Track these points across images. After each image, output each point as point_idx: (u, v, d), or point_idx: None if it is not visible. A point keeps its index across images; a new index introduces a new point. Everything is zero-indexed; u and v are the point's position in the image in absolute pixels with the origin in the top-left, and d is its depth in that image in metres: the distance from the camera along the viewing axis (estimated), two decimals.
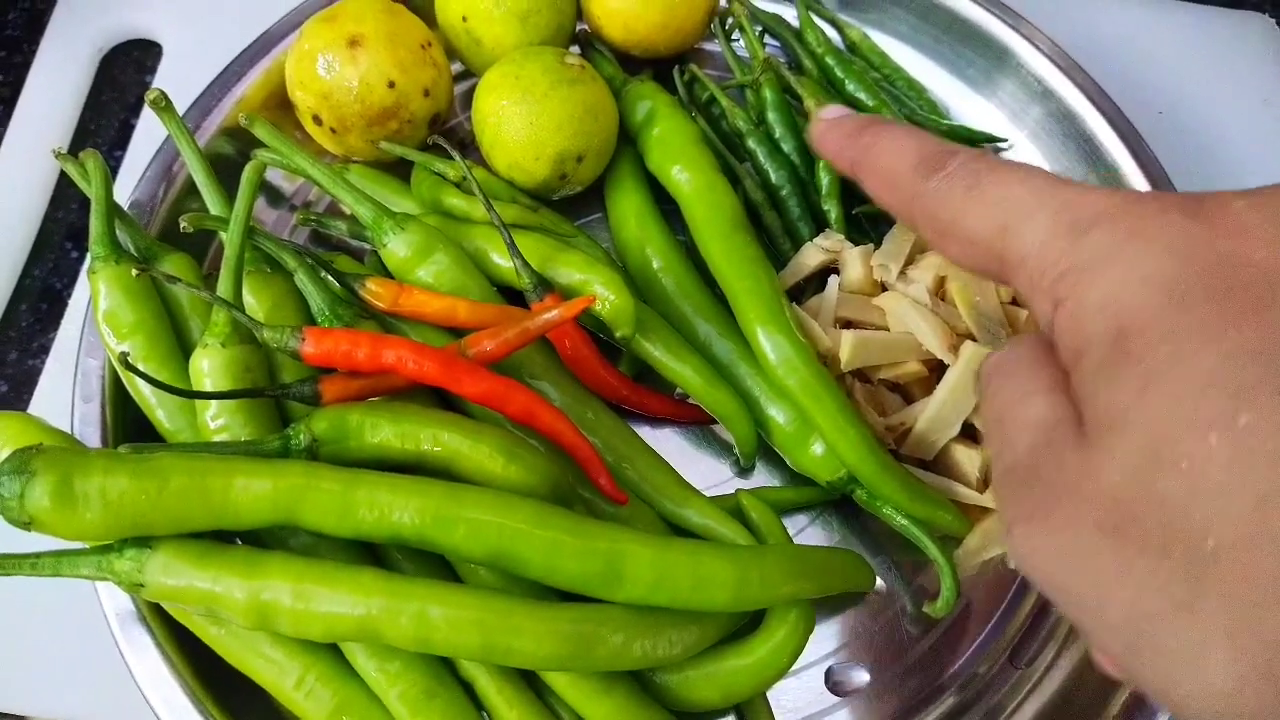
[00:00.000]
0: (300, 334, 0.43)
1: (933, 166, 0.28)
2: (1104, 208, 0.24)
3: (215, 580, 0.38)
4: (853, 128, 0.33)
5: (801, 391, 0.46)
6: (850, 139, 0.32)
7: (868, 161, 0.31)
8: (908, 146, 0.30)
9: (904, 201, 0.30)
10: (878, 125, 0.32)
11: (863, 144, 0.32)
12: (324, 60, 0.52)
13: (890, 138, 0.31)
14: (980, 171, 0.27)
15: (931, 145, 0.29)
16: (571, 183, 0.53)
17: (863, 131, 0.32)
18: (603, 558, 0.40)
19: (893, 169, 0.30)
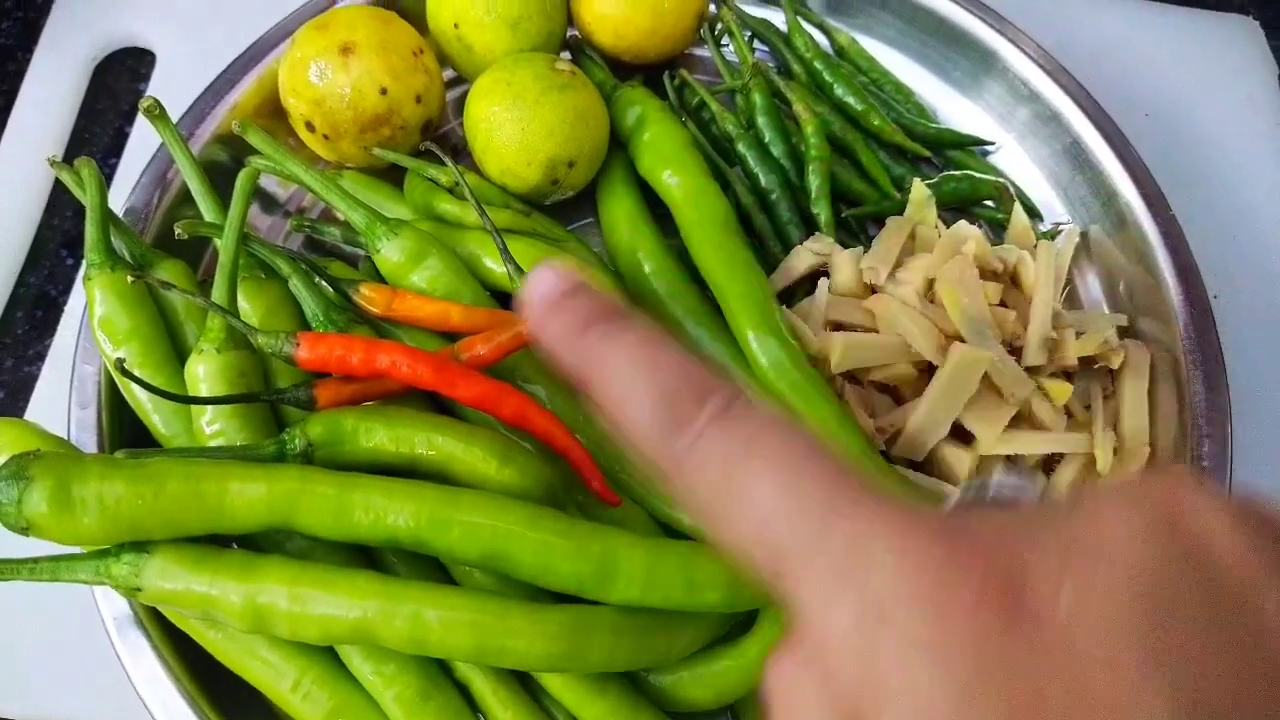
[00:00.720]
0: (294, 339, 0.43)
1: (677, 418, 0.24)
2: (898, 570, 0.20)
3: (212, 584, 0.39)
4: (574, 321, 0.26)
5: (792, 394, 0.47)
6: (573, 337, 0.26)
7: (597, 381, 0.25)
8: (643, 375, 0.24)
9: (646, 449, 0.25)
10: (609, 323, 0.26)
11: (591, 352, 0.26)
12: (316, 67, 0.52)
13: (624, 354, 0.25)
14: (734, 454, 0.23)
15: (674, 376, 0.24)
16: (563, 188, 0.54)
17: (588, 330, 0.26)
18: (595, 559, 0.40)
19: (628, 404, 0.25)
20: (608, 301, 0.27)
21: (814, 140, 0.55)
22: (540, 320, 0.27)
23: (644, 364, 0.25)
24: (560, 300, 0.27)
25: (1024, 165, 0.59)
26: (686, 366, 0.25)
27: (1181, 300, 0.50)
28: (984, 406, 0.47)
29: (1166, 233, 0.52)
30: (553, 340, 0.27)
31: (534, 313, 0.28)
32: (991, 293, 0.49)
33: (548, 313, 0.27)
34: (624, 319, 0.27)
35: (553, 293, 0.28)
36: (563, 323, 0.27)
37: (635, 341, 0.26)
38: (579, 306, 0.27)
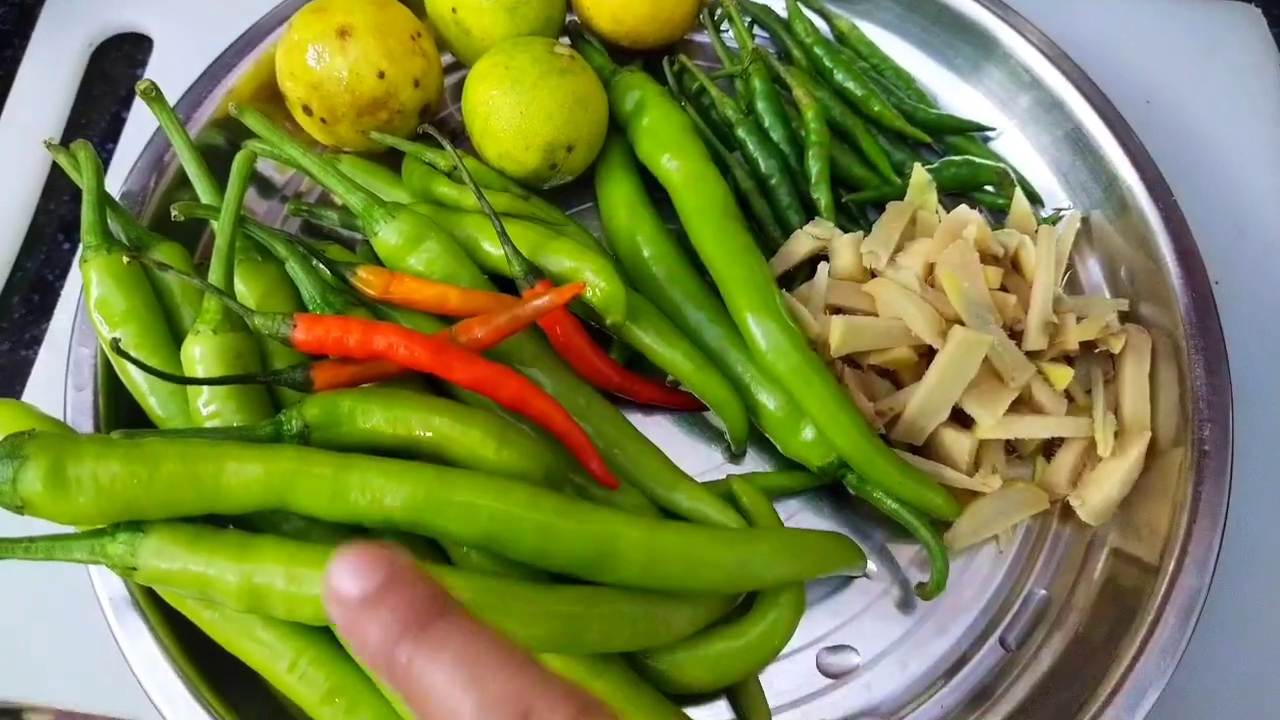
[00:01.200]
0: (291, 320, 0.43)
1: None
2: None
3: (208, 563, 0.38)
4: (394, 623, 0.23)
5: (792, 377, 0.47)
6: (387, 654, 0.23)
7: (429, 699, 0.23)
8: (469, 694, 0.22)
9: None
10: (430, 621, 0.23)
11: (407, 674, 0.23)
12: (314, 51, 0.52)
13: (461, 662, 0.23)
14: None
15: (504, 696, 0.22)
16: (562, 172, 0.54)
17: (400, 643, 0.23)
18: (594, 540, 0.40)
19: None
20: (423, 593, 0.24)
21: (814, 125, 0.55)
22: (350, 627, 0.24)
23: (461, 688, 0.23)
24: (370, 600, 0.24)
25: (1025, 151, 0.59)
26: (510, 686, 0.23)
27: (1183, 285, 0.50)
28: (984, 390, 0.47)
29: (1168, 218, 0.51)
30: (366, 653, 0.24)
31: (341, 617, 0.25)
32: (992, 277, 0.49)
33: (358, 617, 0.24)
34: (443, 622, 0.24)
35: (362, 586, 0.25)
36: (376, 631, 0.24)
37: (455, 657, 0.23)
38: (391, 607, 0.24)
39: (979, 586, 0.49)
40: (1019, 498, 0.48)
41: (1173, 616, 0.44)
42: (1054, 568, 0.49)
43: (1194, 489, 0.46)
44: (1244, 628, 0.50)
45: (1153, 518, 0.47)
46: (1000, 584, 0.49)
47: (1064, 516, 0.50)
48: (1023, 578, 0.49)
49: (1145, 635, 0.44)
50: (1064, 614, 0.48)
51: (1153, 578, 0.45)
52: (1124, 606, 0.46)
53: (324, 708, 0.41)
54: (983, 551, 0.50)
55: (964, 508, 0.48)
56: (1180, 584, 0.44)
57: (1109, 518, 0.48)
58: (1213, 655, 0.49)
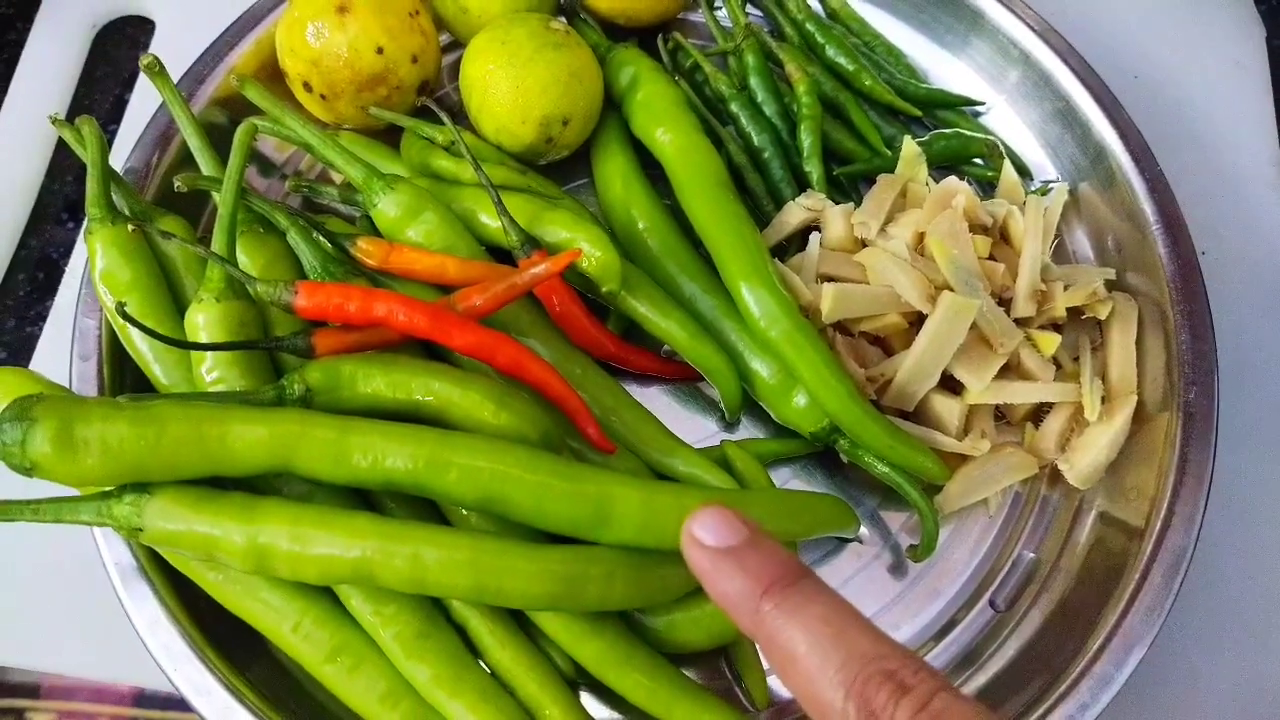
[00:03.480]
0: (293, 287, 0.44)
1: (871, 711, 0.24)
2: None
3: (213, 524, 0.39)
4: (751, 582, 0.27)
5: (784, 343, 0.47)
6: (751, 602, 0.27)
7: (778, 654, 0.26)
8: (835, 655, 0.25)
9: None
10: (787, 590, 0.27)
11: (772, 624, 0.26)
12: (313, 27, 0.53)
13: (811, 624, 0.26)
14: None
15: (864, 657, 0.25)
16: (558, 146, 0.55)
17: (767, 595, 0.27)
18: (591, 501, 0.41)
19: (819, 691, 0.25)
20: (783, 558, 0.28)
21: (806, 99, 0.56)
22: (712, 572, 0.28)
23: (835, 645, 0.26)
24: (733, 554, 0.28)
25: (1014, 126, 0.60)
26: (879, 645, 0.25)
27: (1168, 253, 0.51)
28: (973, 357, 0.48)
29: (1154, 188, 0.52)
30: (727, 599, 0.28)
31: (704, 561, 0.28)
32: (980, 246, 0.50)
33: (721, 566, 0.28)
34: (804, 584, 0.27)
35: (724, 541, 0.28)
36: (739, 583, 0.28)
37: (820, 614, 0.26)
38: (753, 566, 0.28)
39: (969, 550, 0.50)
40: (1008, 462, 0.49)
41: (1158, 575, 0.45)
42: (1042, 531, 0.50)
43: (1180, 451, 0.47)
44: (1228, 586, 0.51)
45: (1140, 481, 0.48)
46: (990, 547, 0.50)
47: (1052, 481, 0.51)
48: (1012, 541, 0.50)
49: (1131, 594, 0.45)
50: (1052, 576, 0.49)
51: (1139, 539, 0.46)
52: (1111, 567, 0.47)
53: (327, 666, 0.42)
54: (972, 516, 0.51)
55: (954, 472, 0.49)
56: (1166, 544, 0.45)
57: (1096, 481, 0.49)
58: (1198, 613, 0.50)
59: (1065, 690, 0.43)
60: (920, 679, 0.25)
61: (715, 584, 0.28)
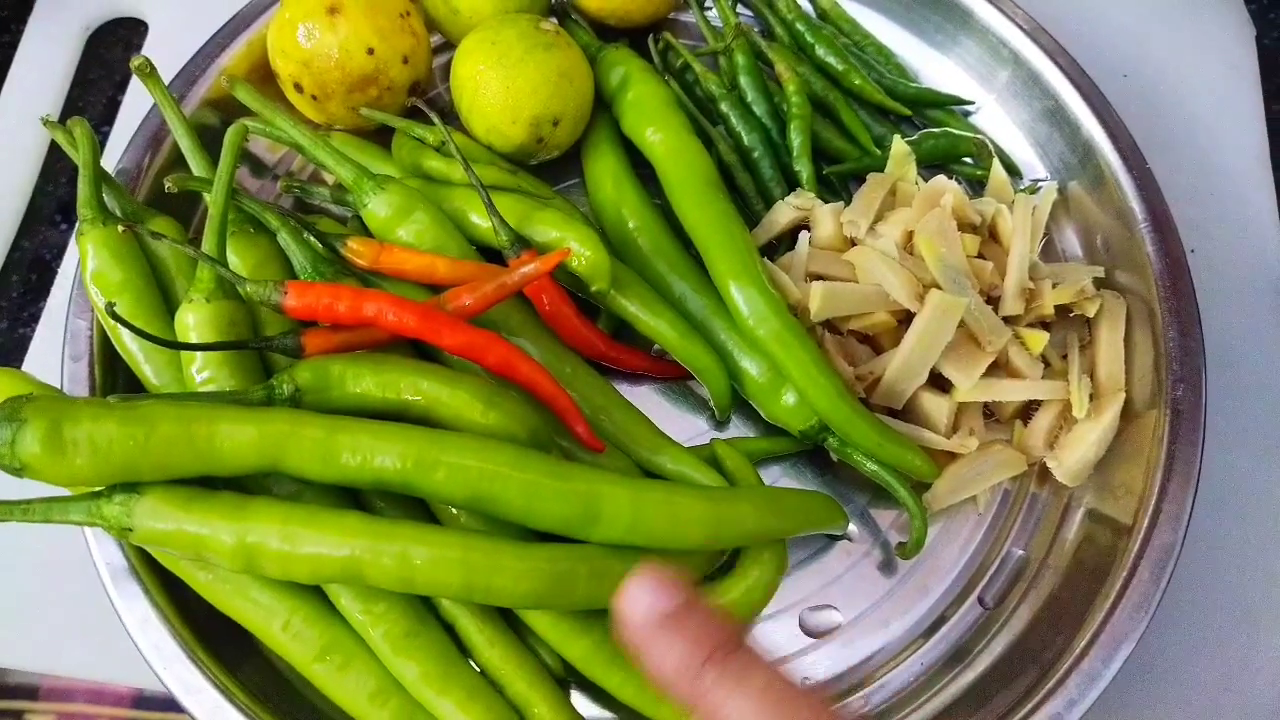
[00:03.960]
0: (283, 287, 0.44)
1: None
2: None
3: (203, 524, 0.39)
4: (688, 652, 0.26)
5: (773, 341, 0.48)
6: (690, 673, 0.26)
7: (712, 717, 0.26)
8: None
9: None
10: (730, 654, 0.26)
11: (713, 697, 0.26)
12: (304, 28, 0.53)
13: (756, 694, 0.25)
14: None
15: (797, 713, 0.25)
16: (548, 146, 0.55)
17: (706, 665, 0.26)
18: (580, 499, 0.41)
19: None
20: (720, 624, 0.27)
21: (795, 99, 0.56)
22: (647, 644, 0.27)
23: (773, 712, 0.25)
24: (668, 623, 0.27)
25: (1004, 125, 0.60)
26: (818, 716, 0.25)
27: (1156, 250, 0.51)
28: (961, 354, 0.48)
29: (1142, 185, 0.52)
30: (664, 671, 0.27)
31: (638, 633, 0.27)
32: (969, 244, 0.50)
33: (655, 640, 0.27)
34: (743, 652, 0.27)
35: (655, 609, 0.27)
36: (677, 654, 0.27)
37: (764, 684, 0.26)
38: (691, 632, 0.27)
39: (958, 547, 0.50)
40: (996, 460, 0.49)
41: (1146, 572, 0.45)
42: (1031, 528, 0.50)
43: (1167, 448, 0.47)
44: (1216, 582, 0.52)
45: (1128, 478, 0.48)
46: (979, 545, 0.50)
47: (1041, 478, 0.51)
48: (1001, 538, 0.50)
49: (1119, 591, 0.45)
50: (1040, 573, 0.49)
51: (1127, 536, 0.46)
52: (1099, 564, 0.47)
53: (317, 665, 0.42)
54: (962, 513, 0.51)
55: (942, 470, 0.49)
56: (1154, 541, 0.45)
57: (1085, 479, 0.49)
58: (1186, 610, 0.50)
59: (1053, 686, 0.43)
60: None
61: (652, 657, 0.27)
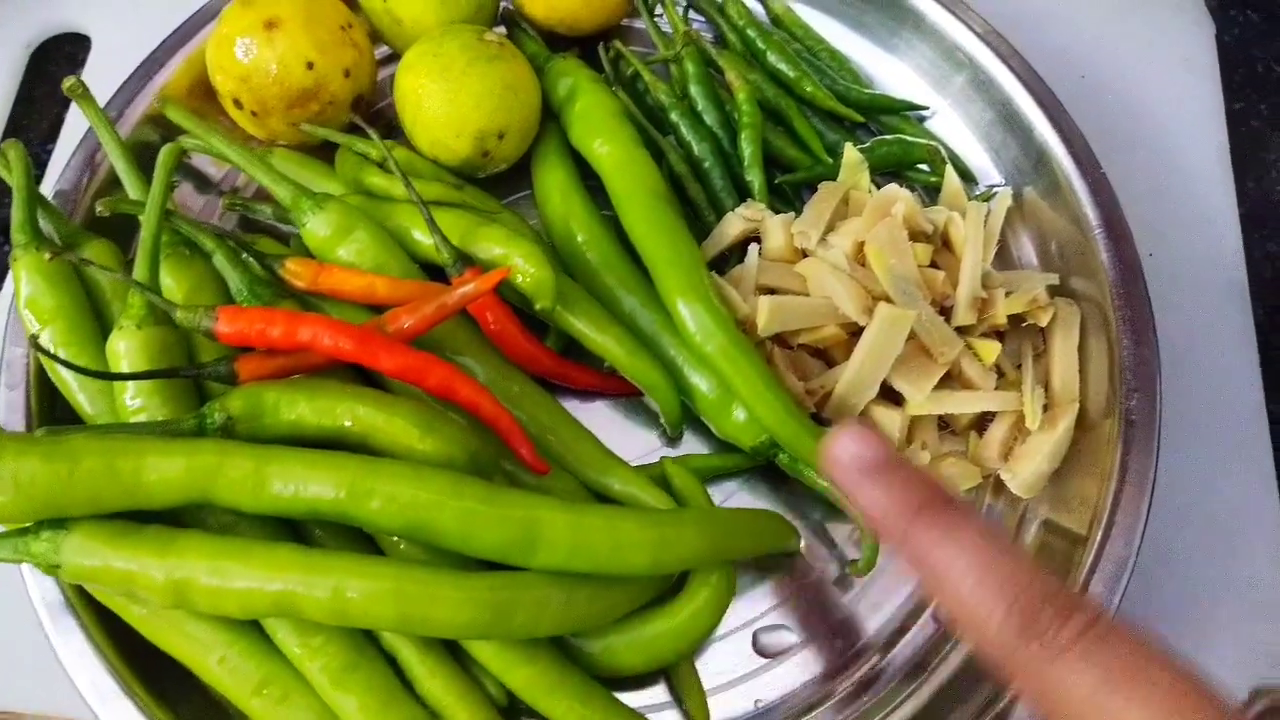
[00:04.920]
0: (214, 313, 0.43)
1: (1035, 629, 0.25)
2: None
3: (131, 560, 0.38)
4: (902, 502, 0.28)
5: (720, 358, 0.47)
6: (902, 520, 0.28)
7: (933, 574, 0.27)
8: (993, 574, 0.26)
9: (992, 652, 0.26)
10: (942, 513, 0.27)
11: (926, 543, 0.27)
12: (242, 44, 0.52)
13: (967, 553, 0.26)
14: (1108, 679, 0.24)
15: (1024, 581, 0.26)
16: (495, 160, 0.54)
17: (919, 516, 0.28)
18: (519, 525, 0.40)
19: (976, 605, 0.26)
20: (933, 482, 0.29)
21: (746, 107, 0.55)
22: (858, 487, 0.29)
23: (991, 567, 0.26)
24: (881, 472, 0.29)
25: (959, 130, 0.59)
26: (1038, 575, 0.26)
27: (1110, 256, 0.50)
28: (913, 367, 0.48)
29: (1096, 190, 0.52)
30: (874, 513, 0.29)
31: (849, 477, 0.29)
32: (921, 254, 0.49)
33: (868, 482, 0.29)
34: (957, 508, 0.28)
35: (867, 460, 0.29)
36: (889, 500, 0.29)
37: (977, 540, 0.27)
38: (903, 483, 0.29)
39: None
40: (949, 473, 0.48)
41: (1100, 585, 0.44)
42: None
43: (1121, 459, 0.46)
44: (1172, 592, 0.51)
45: (1083, 489, 0.48)
46: None
47: (996, 490, 0.50)
48: None
49: None
50: None
51: (1082, 547, 0.46)
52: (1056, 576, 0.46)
53: (255, 699, 0.41)
54: None
55: None
56: (1107, 553, 0.45)
57: (1040, 490, 0.49)
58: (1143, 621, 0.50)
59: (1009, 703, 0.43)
60: (1084, 604, 0.26)
61: (863, 494, 0.29)
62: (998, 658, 0.27)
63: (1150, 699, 0.24)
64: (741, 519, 0.46)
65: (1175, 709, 0.24)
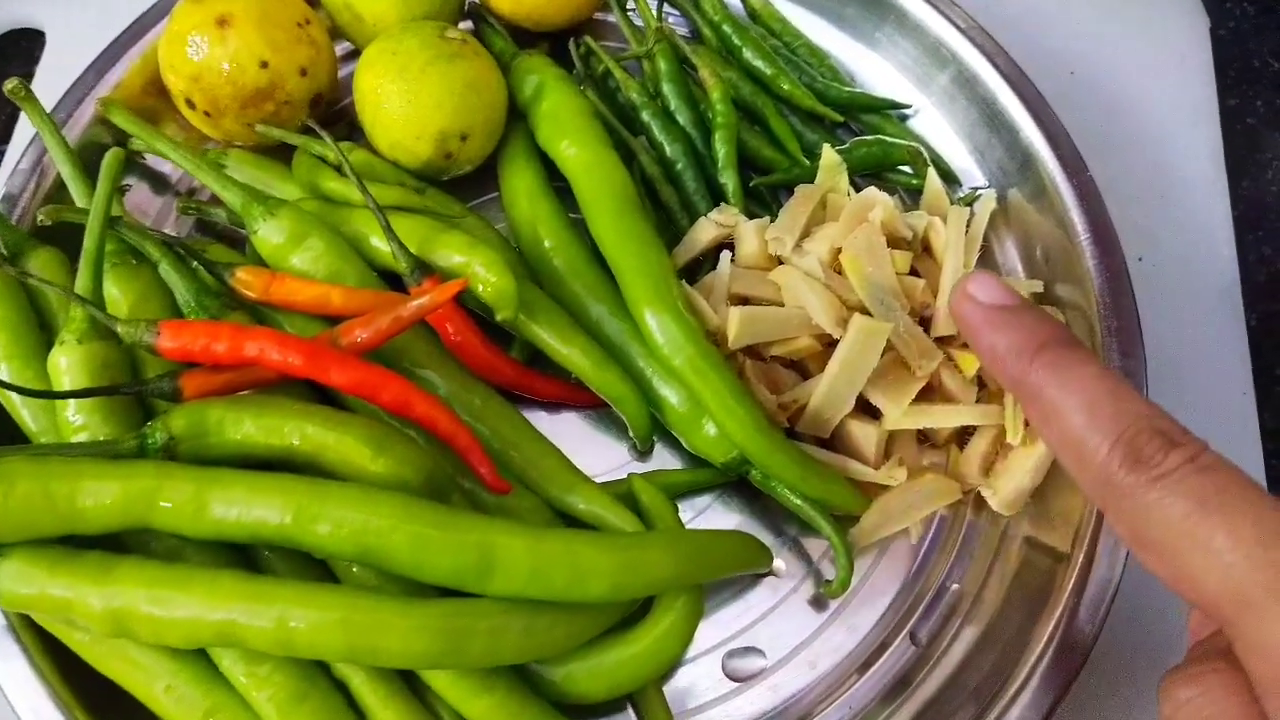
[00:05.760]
0: (155, 328, 0.41)
1: (1139, 458, 0.26)
2: None
3: (68, 588, 0.37)
4: (1023, 340, 0.29)
5: (688, 371, 0.45)
6: (1023, 359, 0.28)
7: (1046, 408, 0.28)
8: (1104, 409, 0.27)
9: (1093, 483, 0.27)
10: (1061, 350, 0.28)
11: (1043, 379, 0.28)
12: (193, 41, 0.50)
13: (1082, 382, 0.27)
14: (1204, 502, 0.24)
15: (1135, 414, 0.26)
16: (459, 162, 0.52)
17: (1039, 353, 0.28)
18: (473, 551, 0.38)
19: (1083, 438, 0.27)
20: (1057, 324, 0.29)
21: (720, 107, 0.53)
22: (984, 325, 0.30)
23: (1104, 402, 0.27)
24: (1007, 313, 0.30)
25: (942, 130, 0.57)
26: (1150, 411, 0.27)
27: (1097, 264, 0.48)
28: (890, 380, 0.46)
29: (1083, 195, 0.50)
30: (995, 352, 0.30)
31: (976, 314, 0.30)
32: (900, 261, 0.47)
33: (995, 319, 0.30)
34: (1076, 346, 0.29)
35: (997, 300, 0.30)
36: (1010, 339, 0.29)
37: (1094, 374, 0.28)
38: (1027, 325, 0.29)
39: (891, 580, 0.48)
40: (928, 489, 0.46)
41: (1083, 609, 0.42)
42: (967, 559, 0.48)
43: None
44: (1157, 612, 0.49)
45: (1066, 506, 0.46)
46: (912, 577, 0.48)
47: (977, 507, 0.48)
48: (935, 570, 0.48)
49: (1054, 627, 0.42)
50: (975, 607, 0.46)
51: (1065, 567, 0.44)
52: (1036, 598, 0.44)
53: None
54: (895, 544, 0.48)
55: (871, 501, 0.46)
56: (1092, 575, 0.43)
57: (1021, 507, 0.47)
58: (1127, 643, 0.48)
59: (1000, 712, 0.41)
60: (1190, 438, 0.26)
61: (984, 336, 0.30)
62: (1099, 492, 0.27)
63: (1239, 527, 0.24)
64: (710, 541, 0.44)
65: (1263, 534, 0.24)
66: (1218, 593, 0.24)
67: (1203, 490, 0.25)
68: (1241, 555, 0.24)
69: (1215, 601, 0.25)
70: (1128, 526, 0.26)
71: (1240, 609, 0.24)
